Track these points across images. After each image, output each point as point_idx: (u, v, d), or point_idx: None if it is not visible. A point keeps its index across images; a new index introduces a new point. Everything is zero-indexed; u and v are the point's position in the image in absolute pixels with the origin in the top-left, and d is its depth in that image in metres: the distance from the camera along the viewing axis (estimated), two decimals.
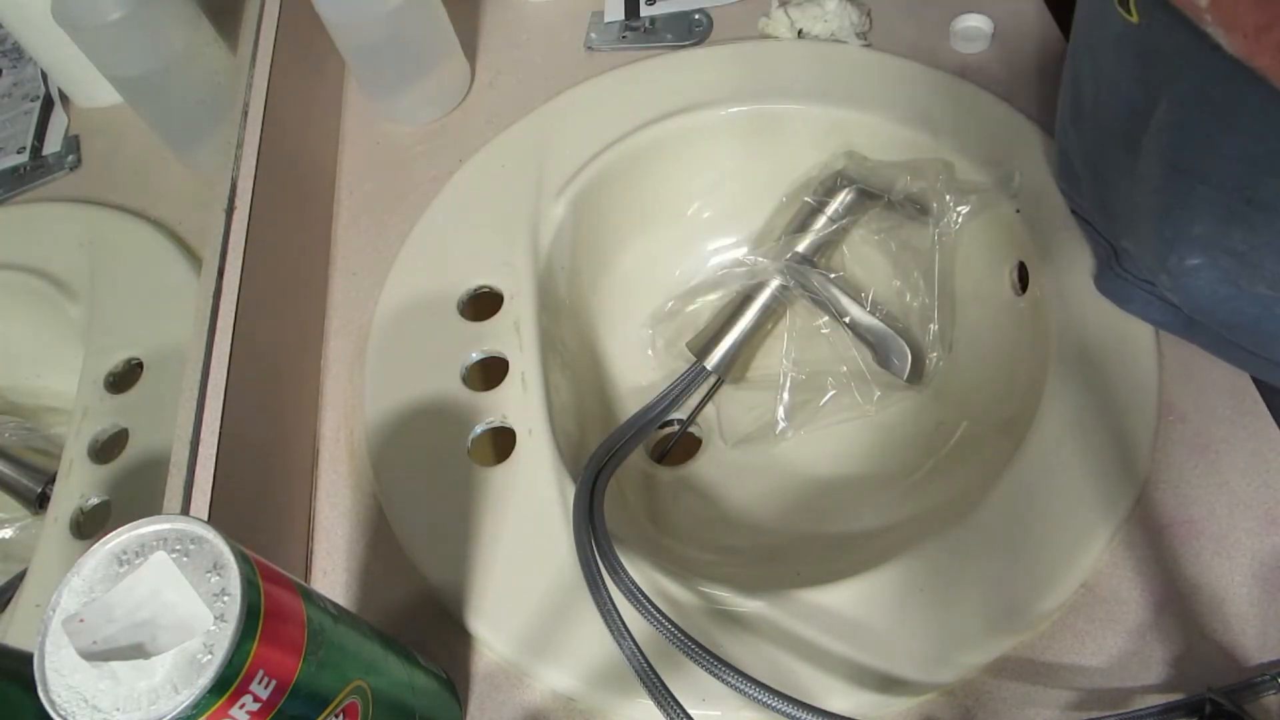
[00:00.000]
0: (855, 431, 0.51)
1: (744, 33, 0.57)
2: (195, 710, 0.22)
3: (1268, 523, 0.37)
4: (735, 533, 0.49)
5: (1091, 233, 0.44)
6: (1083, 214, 0.44)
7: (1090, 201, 0.44)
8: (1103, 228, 0.43)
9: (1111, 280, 0.42)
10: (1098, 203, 0.43)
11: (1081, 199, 0.44)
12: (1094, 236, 0.44)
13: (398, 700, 0.32)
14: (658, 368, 0.55)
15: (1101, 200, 0.42)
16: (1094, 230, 0.44)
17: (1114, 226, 0.42)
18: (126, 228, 0.52)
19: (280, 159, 0.50)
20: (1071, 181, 0.45)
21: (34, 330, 0.52)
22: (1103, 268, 0.43)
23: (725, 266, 0.55)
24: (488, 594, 0.40)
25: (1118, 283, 0.42)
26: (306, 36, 0.56)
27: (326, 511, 0.44)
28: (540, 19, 0.62)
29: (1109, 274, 0.42)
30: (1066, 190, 0.45)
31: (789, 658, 0.37)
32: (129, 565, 0.24)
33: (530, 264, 0.50)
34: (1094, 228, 0.44)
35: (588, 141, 0.53)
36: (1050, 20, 0.54)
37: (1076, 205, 0.45)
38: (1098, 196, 0.43)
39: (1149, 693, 0.35)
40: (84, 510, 0.43)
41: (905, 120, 0.50)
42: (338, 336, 0.50)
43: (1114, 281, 0.42)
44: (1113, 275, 0.42)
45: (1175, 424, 0.40)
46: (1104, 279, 0.42)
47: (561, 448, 0.44)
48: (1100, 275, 0.43)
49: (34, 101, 0.58)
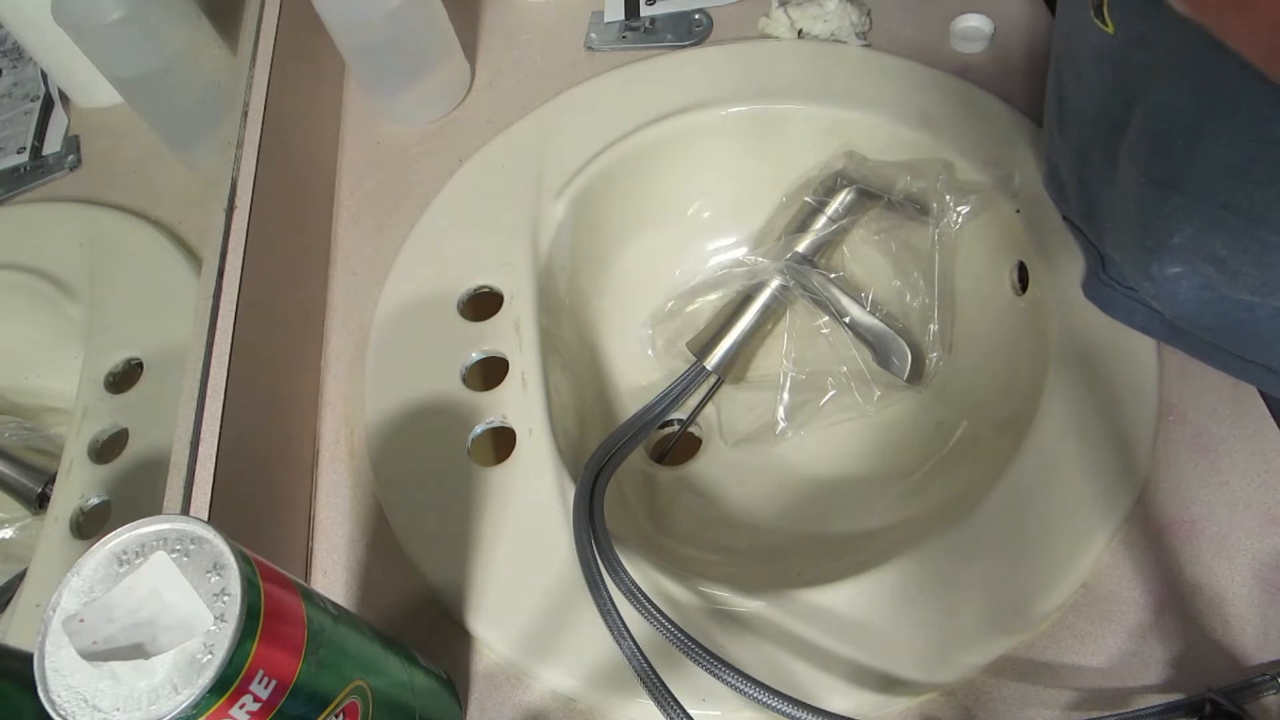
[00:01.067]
0: (855, 431, 0.51)
1: (744, 33, 0.57)
2: (195, 710, 0.22)
3: (1268, 523, 0.37)
4: (735, 533, 0.49)
5: (1081, 239, 0.44)
6: (1072, 220, 0.45)
7: (1076, 209, 0.44)
8: (1089, 235, 0.43)
9: (1097, 288, 0.42)
10: (1083, 210, 0.43)
11: (1068, 206, 0.45)
12: (1083, 243, 0.44)
13: (398, 700, 0.32)
14: (658, 368, 0.55)
15: (1086, 208, 0.43)
16: (1083, 237, 0.44)
17: (1099, 234, 0.42)
18: (126, 228, 0.52)
19: (280, 159, 0.50)
20: (1058, 189, 0.45)
21: (34, 330, 0.52)
22: (1090, 275, 0.43)
23: (725, 266, 0.55)
24: (488, 594, 0.40)
25: (1104, 290, 0.42)
26: (306, 36, 0.56)
27: (326, 511, 0.44)
28: (540, 19, 0.62)
29: (1095, 281, 0.42)
30: (1055, 198, 0.46)
31: (789, 658, 0.37)
32: (129, 565, 0.24)
33: (530, 264, 0.50)
34: (1083, 234, 0.44)
35: (588, 141, 0.53)
36: (1050, 20, 0.54)
37: (1065, 211, 0.45)
38: (1083, 204, 0.43)
39: (1149, 693, 0.35)
40: (84, 510, 0.43)
41: (905, 120, 0.50)
42: (338, 336, 0.50)
43: (1100, 289, 0.42)
44: (1099, 283, 0.42)
45: (1175, 424, 0.40)
46: (1090, 286, 0.43)
47: (561, 448, 0.44)
48: (1087, 282, 0.43)
49: (34, 101, 0.58)
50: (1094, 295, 0.43)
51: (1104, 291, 0.42)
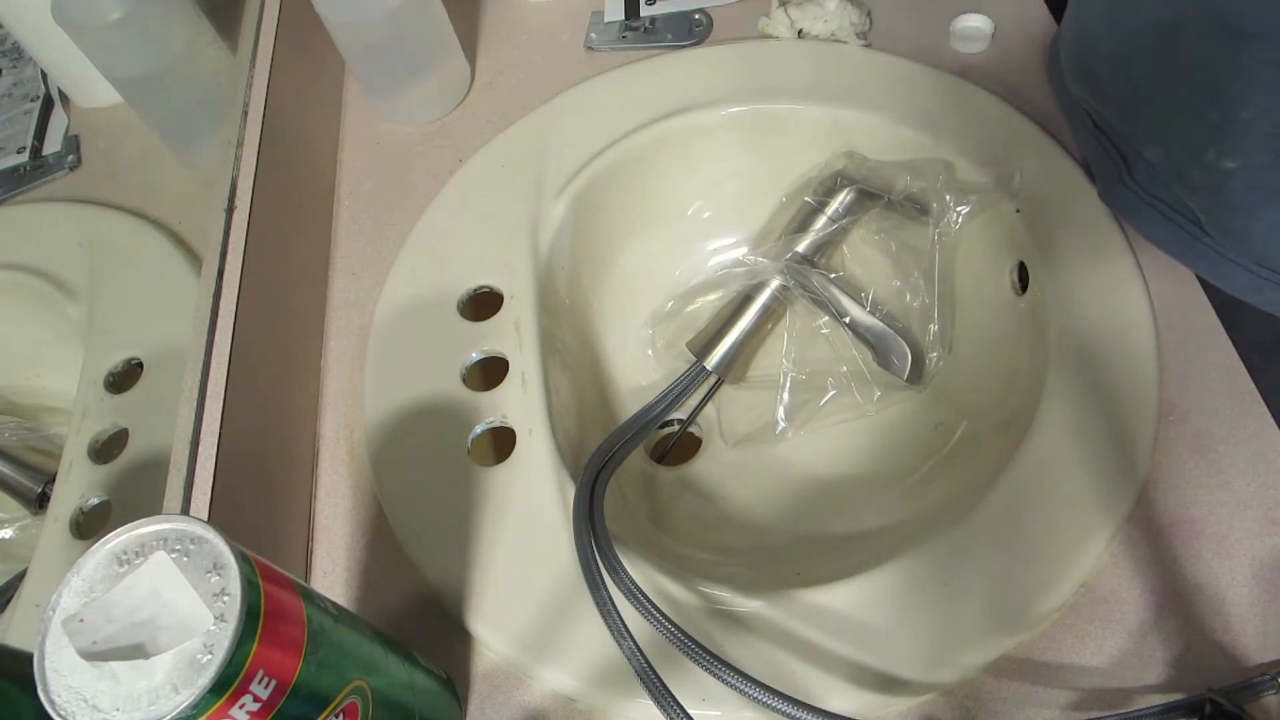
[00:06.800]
0: (855, 431, 0.51)
1: (744, 33, 0.57)
2: (195, 710, 0.22)
3: (1268, 523, 0.37)
4: (735, 533, 0.49)
5: (1104, 144, 0.42)
6: (1099, 122, 0.43)
7: (1113, 104, 0.42)
8: (1122, 134, 0.41)
9: (1120, 192, 0.41)
10: (1122, 104, 0.41)
11: (1102, 102, 0.43)
12: (1106, 148, 0.42)
13: (398, 700, 0.32)
14: (658, 368, 0.55)
15: (1129, 100, 0.41)
16: (1107, 141, 0.42)
17: (1139, 130, 0.40)
18: (126, 228, 0.52)
19: (280, 159, 0.50)
20: (1092, 86, 0.43)
21: (34, 330, 0.52)
22: (1111, 181, 0.41)
23: (725, 266, 0.55)
24: (488, 594, 0.40)
25: (1126, 195, 0.40)
26: (306, 36, 0.56)
27: (326, 511, 0.44)
28: (540, 19, 0.62)
29: (1118, 186, 0.41)
30: (1085, 97, 0.44)
31: (789, 658, 0.37)
32: (129, 565, 0.24)
33: (530, 264, 0.50)
34: (1108, 138, 0.42)
35: (588, 141, 0.53)
36: (1050, 21, 0.54)
37: (1094, 111, 0.43)
38: (1125, 96, 0.41)
39: (1149, 693, 0.35)
40: (84, 510, 0.43)
41: (905, 120, 0.50)
42: (338, 336, 0.50)
43: (1122, 194, 0.41)
44: (1122, 188, 0.40)
45: (1175, 424, 0.40)
46: (1111, 191, 0.41)
47: (561, 448, 0.44)
48: (1107, 188, 0.41)
49: (34, 101, 0.58)
50: (1114, 200, 0.41)
51: (1127, 196, 0.40)
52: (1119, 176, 0.41)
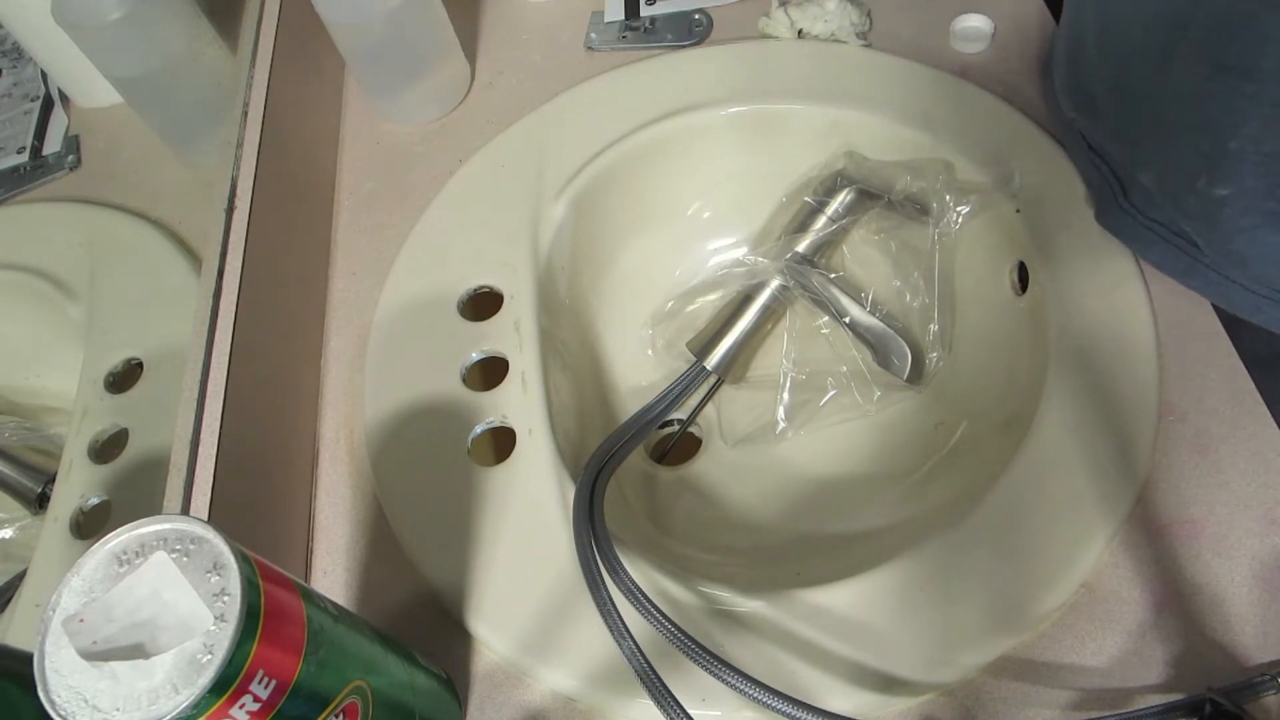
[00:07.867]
0: (855, 431, 0.51)
1: (744, 33, 0.57)
2: (195, 710, 0.22)
3: (1268, 523, 0.37)
4: (735, 533, 0.49)
5: (1099, 167, 0.42)
6: (1094, 145, 0.43)
7: (1107, 129, 0.42)
8: (1118, 158, 0.41)
9: (1116, 215, 0.41)
10: (1116, 129, 0.41)
11: (1096, 127, 0.43)
12: (1101, 171, 0.42)
13: (398, 700, 0.32)
14: (658, 368, 0.55)
15: (1123, 125, 0.41)
16: (1103, 164, 0.42)
17: (1134, 154, 0.40)
18: (126, 228, 0.51)
19: (280, 159, 0.50)
20: (1085, 108, 0.43)
21: (34, 330, 0.52)
22: (1108, 204, 0.41)
23: (725, 266, 0.55)
24: (488, 594, 0.40)
25: (1123, 218, 0.40)
26: (306, 36, 0.56)
27: (326, 511, 0.44)
28: (540, 19, 0.62)
29: (1115, 209, 0.41)
30: (1078, 119, 0.44)
31: (789, 658, 0.37)
32: (129, 565, 0.24)
33: (530, 264, 0.50)
34: (1104, 161, 0.42)
35: (588, 141, 0.53)
36: (1050, 20, 0.54)
37: (1088, 134, 0.43)
38: (1119, 121, 0.41)
39: (1149, 693, 0.35)
40: (84, 510, 0.43)
41: (905, 120, 0.50)
42: (338, 336, 0.50)
43: (1119, 217, 0.40)
44: (1119, 211, 0.40)
45: (1175, 424, 0.40)
46: (1108, 215, 0.41)
47: (561, 448, 0.44)
48: (1103, 211, 0.41)
49: (34, 101, 0.58)
50: (1111, 223, 0.41)
51: (1123, 220, 0.40)
52: (1115, 200, 0.41)
